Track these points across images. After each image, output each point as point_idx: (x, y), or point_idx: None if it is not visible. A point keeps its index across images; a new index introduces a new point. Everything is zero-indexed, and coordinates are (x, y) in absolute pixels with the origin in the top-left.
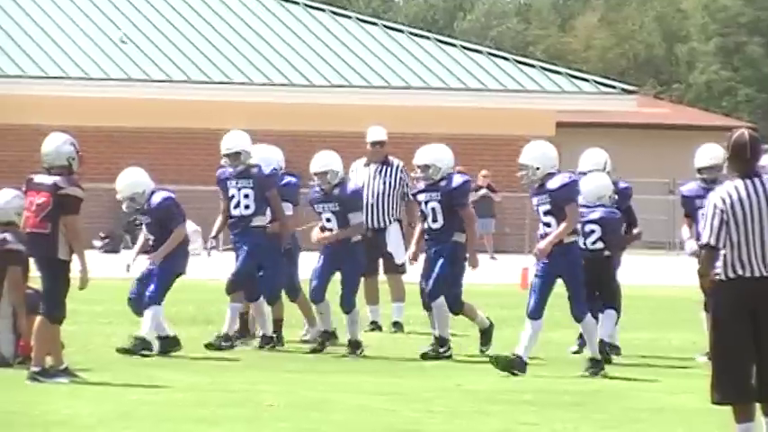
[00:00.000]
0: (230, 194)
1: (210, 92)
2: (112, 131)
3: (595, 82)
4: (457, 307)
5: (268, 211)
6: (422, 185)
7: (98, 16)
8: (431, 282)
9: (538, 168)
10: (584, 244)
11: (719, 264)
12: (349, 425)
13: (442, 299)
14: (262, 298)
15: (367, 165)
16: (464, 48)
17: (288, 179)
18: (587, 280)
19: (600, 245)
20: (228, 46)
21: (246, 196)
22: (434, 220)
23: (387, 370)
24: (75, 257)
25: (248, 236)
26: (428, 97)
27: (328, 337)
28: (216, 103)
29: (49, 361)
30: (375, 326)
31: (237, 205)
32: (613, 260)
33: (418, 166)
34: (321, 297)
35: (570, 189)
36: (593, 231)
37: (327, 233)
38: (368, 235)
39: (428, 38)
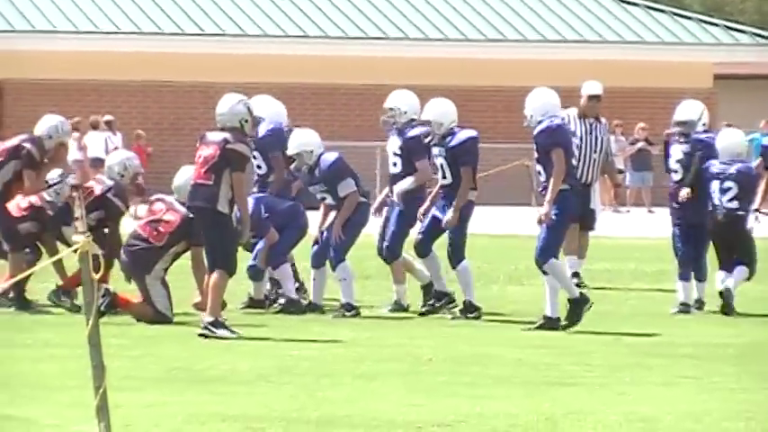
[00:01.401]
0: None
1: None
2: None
3: (753, 34)
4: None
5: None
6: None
7: None
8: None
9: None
10: (720, 201)
11: None
12: (507, 379)
13: (465, 261)
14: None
15: (581, 117)
16: (621, 0)
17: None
18: (722, 238)
19: (735, 203)
20: None
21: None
22: (444, 176)
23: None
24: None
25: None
26: (584, 51)
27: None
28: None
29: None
30: (578, 278)
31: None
32: (747, 217)
33: (422, 121)
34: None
35: (552, 135)
36: (729, 189)
37: (332, 218)
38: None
39: None
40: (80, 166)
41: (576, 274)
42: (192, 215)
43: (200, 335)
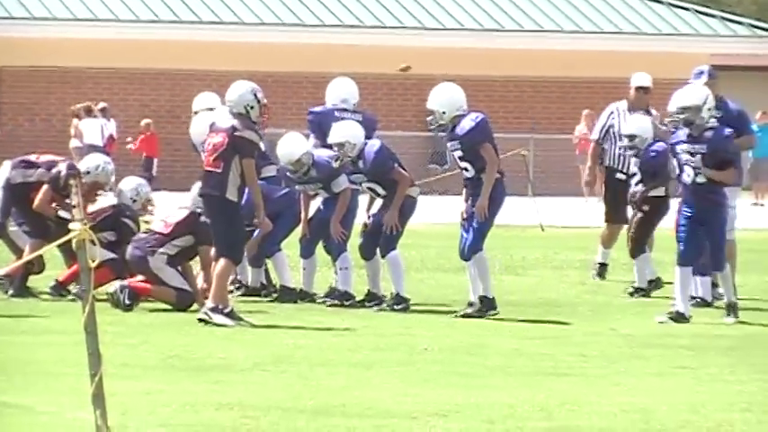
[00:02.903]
0: None
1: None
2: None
3: (750, 25)
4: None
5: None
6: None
7: None
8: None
9: (444, 113)
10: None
11: None
12: (503, 369)
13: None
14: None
15: (630, 110)
16: None
17: None
18: None
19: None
20: None
21: None
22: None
23: (541, 313)
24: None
25: None
26: (581, 41)
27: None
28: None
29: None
30: (603, 268)
31: None
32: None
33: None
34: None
35: (482, 131)
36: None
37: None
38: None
39: None
40: (80, 153)
41: (604, 265)
42: (200, 212)
43: (200, 320)
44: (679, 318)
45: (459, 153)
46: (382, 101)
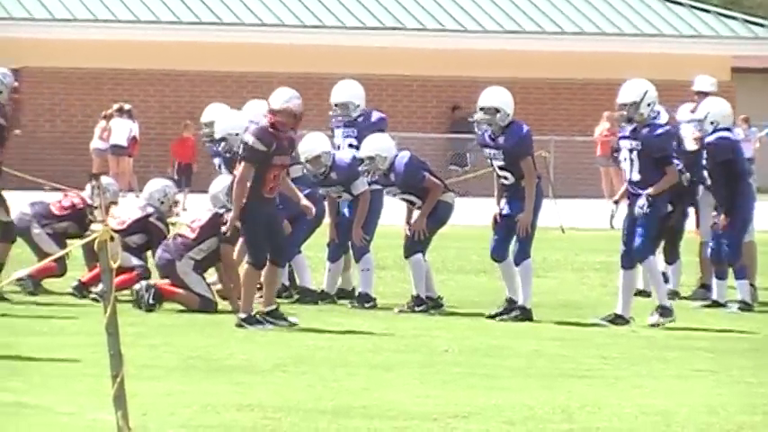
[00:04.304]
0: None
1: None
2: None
3: None
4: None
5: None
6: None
7: None
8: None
9: (504, 114)
10: None
11: None
12: (523, 371)
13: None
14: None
15: (693, 111)
16: None
17: None
18: None
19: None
20: None
21: None
22: (504, 178)
23: (562, 315)
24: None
25: None
26: (602, 43)
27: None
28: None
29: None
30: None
31: None
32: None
33: (481, 108)
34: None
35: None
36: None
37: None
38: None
39: None
40: (100, 154)
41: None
42: (222, 212)
43: (238, 325)
44: (617, 320)
45: (500, 163)
46: (403, 102)
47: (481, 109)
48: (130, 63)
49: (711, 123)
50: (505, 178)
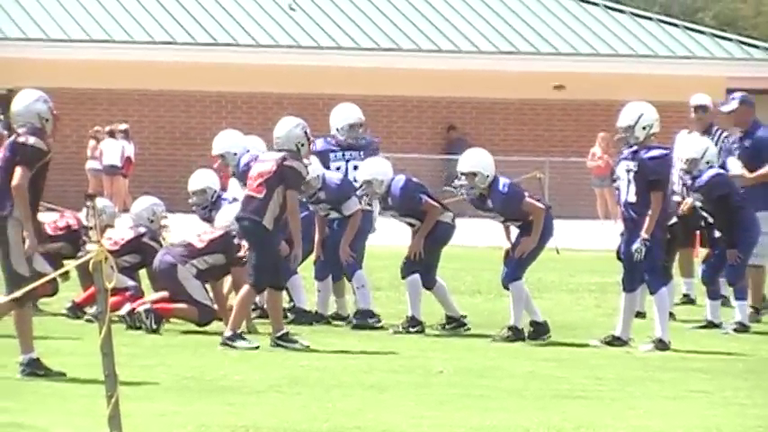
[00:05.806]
0: None
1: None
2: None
3: (766, 49)
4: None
5: None
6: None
7: None
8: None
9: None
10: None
11: None
12: (518, 392)
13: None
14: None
15: (690, 132)
16: (633, 14)
17: None
18: None
19: None
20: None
21: None
22: (516, 226)
23: (556, 336)
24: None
25: None
26: (597, 64)
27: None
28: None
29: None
30: (687, 298)
31: None
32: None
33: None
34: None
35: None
36: None
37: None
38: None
39: (597, 4)
40: (95, 174)
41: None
42: (233, 233)
43: (222, 344)
44: (614, 340)
45: (501, 219)
46: (398, 123)
47: (462, 174)
48: (125, 83)
49: (707, 163)
50: (517, 226)
